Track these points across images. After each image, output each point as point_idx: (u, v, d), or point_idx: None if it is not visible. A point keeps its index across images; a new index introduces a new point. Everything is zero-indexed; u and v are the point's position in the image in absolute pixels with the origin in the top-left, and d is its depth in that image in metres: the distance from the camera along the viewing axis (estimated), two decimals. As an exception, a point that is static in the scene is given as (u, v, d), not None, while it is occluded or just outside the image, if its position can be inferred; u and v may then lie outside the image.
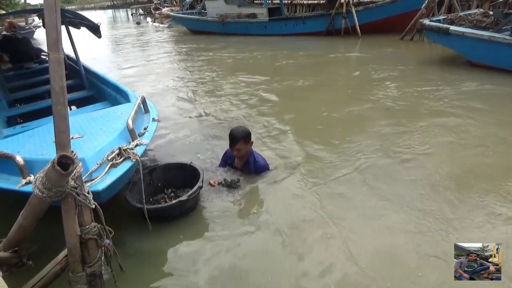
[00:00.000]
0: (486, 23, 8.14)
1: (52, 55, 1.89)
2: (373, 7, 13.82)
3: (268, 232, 3.20)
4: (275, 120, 5.80)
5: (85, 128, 3.43)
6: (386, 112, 5.93)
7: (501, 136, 4.72)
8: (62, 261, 2.21)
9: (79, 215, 2.11)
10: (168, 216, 3.35)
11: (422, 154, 4.38)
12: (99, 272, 2.26)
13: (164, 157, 4.65)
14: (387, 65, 9.34)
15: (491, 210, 3.26)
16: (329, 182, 3.88)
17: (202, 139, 5.27)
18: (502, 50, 7.40)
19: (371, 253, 2.87)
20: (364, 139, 4.84)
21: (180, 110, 6.76)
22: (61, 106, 1.94)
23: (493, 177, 3.79)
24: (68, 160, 1.93)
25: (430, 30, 8.79)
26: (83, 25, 6.03)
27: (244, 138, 3.88)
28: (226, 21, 17.18)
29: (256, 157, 4.03)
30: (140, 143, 3.16)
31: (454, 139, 4.72)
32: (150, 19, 29.24)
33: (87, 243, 2.17)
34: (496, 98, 6.30)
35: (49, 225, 2.52)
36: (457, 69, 8.49)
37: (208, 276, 2.77)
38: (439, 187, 3.67)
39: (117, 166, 2.82)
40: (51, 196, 1.97)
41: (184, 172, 3.82)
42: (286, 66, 10.45)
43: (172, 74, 10.15)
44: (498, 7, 10.30)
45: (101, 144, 2.99)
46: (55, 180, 1.93)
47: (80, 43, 6.35)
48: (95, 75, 5.96)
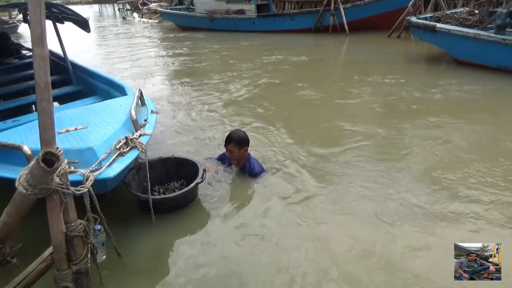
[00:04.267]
0: (472, 21, 8.26)
1: (36, 50, 1.86)
2: (360, 4, 13.88)
3: (258, 230, 3.21)
4: (261, 118, 5.82)
5: (87, 119, 3.47)
6: (373, 111, 5.98)
7: (478, 131, 4.89)
8: (47, 259, 2.18)
9: (64, 212, 2.08)
10: (172, 208, 3.44)
11: (405, 154, 4.44)
12: (85, 269, 2.24)
13: (156, 153, 4.63)
14: (374, 62, 9.41)
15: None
16: (321, 184, 3.86)
17: (188, 135, 5.25)
18: (487, 47, 7.52)
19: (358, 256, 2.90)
20: (351, 139, 4.86)
21: (169, 107, 6.72)
22: (46, 102, 1.91)
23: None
24: (53, 156, 1.91)
25: (417, 28, 8.87)
26: (70, 19, 5.91)
27: (237, 142, 3.86)
28: (214, 17, 17.09)
29: (252, 163, 4.00)
30: (144, 133, 3.21)
31: (437, 139, 4.78)
32: (137, 15, 28.85)
33: (73, 241, 2.15)
34: (481, 97, 6.44)
35: (34, 222, 2.49)
36: (443, 66, 8.61)
37: (198, 273, 2.77)
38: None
39: (124, 155, 2.86)
40: (36, 193, 1.94)
41: (167, 167, 3.85)
42: (271, 63, 10.43)
43: (158, 71, 10.08)
44: (483, 5, 10.48)
45: (107, 134, 3.04)
46: (39, 177, 1.90)
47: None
48: (83, 70, 5.87)
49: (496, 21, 7.42)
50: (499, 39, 7.22)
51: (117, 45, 14.97)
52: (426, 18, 9.15)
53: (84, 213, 2.24)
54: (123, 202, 3.61)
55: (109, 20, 29.79)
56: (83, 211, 2.24)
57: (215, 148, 4.75)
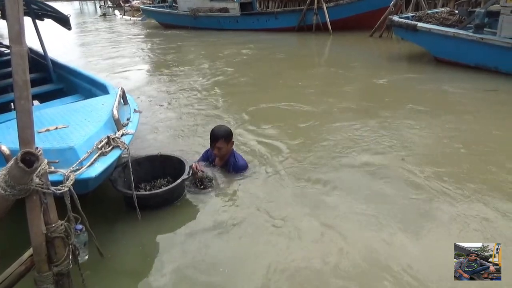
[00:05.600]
0: (452, 20, 8.44)
1: (14, 48, 1.82)
2: (343, 4, 14.00)
3: (243, 226, 3.22)
4: (245, 115, 5.83)
5: (68, 118, 3.41)
6: (353, 110, 6.03)
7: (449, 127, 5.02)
8: (27, 261, 2.13)
9: (44, 213, 2.04)
10: (159, 204, 3.44)
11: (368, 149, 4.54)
12: (66, 271, 2.19)
13: (138, 151, 4.59)
14: (356, 61, 9.51)
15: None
16: (305, 180, 3.89)
17: (172, 133, 5.24)
18: (466, 46, 7.68)
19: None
20: (334, 137, 4.90)
21: (153, 106, 6.67)
22: (24, 100, 1.86)
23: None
24: (33, 157, 1.87)
25: (399, 27, 9.01)
26: (50, 16, 5.79)
27: (225, 137, 3.86)
28: (198, 15, 16.99)
29: (236, 158, 4.01)
30: (126, 133, 3.17)
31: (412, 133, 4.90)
32: (118, 12, 28.41)
33: (54, 242, 2.10)
34: (457, 95, 6.58)
35: (13, 223, 2.44)
36: (424, 65, 8.75)
37: (181, 272, 2.76)
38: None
39: (106, 154, 2.83)
40: (15, 194, 1.89)
41: (153, 164, 3.85)
42: (253, 61, 10.47)
43: (141, 69, 9.99)
44: (463, 5, 10.70)
45: (88, 133, 3.00)
46: (18, 178, 1.86)
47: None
48: (64, 68, 5.75)
49: (475, 20, 7.59)
50: (477, 38, 7.38)
51: (93, 43, 14.74)
52: (408, 17, 9.29)
53: (65, 213, 2.20)
54: (109, 200, 3.59)
55: (89, 18, 29.27)
56: (64, 210, 2.19)
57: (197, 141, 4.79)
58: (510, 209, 3.26)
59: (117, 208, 3.51)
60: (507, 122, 5.23)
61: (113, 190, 3.33)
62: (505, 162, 4.07)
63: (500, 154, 4.28)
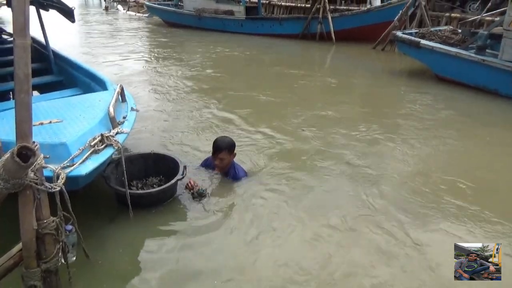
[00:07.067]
0: (455, 40, 8.47)
1: (18, 40, 1.80)
2: (348, 15, 14.03)
3: (237, 231, 3.22)
4: (244, 120, 5.83)
5: (63, 113, 3.36)
6: (352, 120, 6.06)
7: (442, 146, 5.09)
8: (15, 256, 2.10)
9: (37, 208, 2.01)
10: (151, 203, 3.44)
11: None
12: (55, 268, 2.17)
13: (132, 149, 4.58)
14: (358, 73, 9.56)
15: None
16: (302, 189, 3.91)
17: (168, 134, 5.23)
18: (468, 66, 7.71)
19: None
20: (334, 148, 4.94)
21: (152, 104, 6.65)
22: (24, 94, 1.84)
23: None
24: (29, 151, 1.84)
25: (402, 42, 9.05)
26: (54, 7, 5.76)
27: (229, 149, 3.85)
28: (203, 15, 16.95)
29: (236, 169, 3.97)
30: (121, 131, 3.14)
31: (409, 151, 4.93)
32: (122, 7, 28.27)
33: (44, 238, 2.08)
34: (454, 114, 6.61)
35: (2, 217, 2.41)
36: (424, 81, 8.79)
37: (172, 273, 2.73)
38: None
39: (99, 152, 2.81)
40: (8, 188, 1.87)
41: (147, 162, 3.85)
42: (256, 67, 10.48)
43: (142, 68, 9.96)
44: (466, 25, 10.76)
45: (82, 130, 2.95)
46: (13, 172, 1.83)
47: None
48: (65, 59, 5.71)
49: (477, 42, 7.63)
50: (479, 60, 7.42)
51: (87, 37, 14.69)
52: (411, 33, 9.33)
53: (54, 210, 2.16)
54: (100, 197, 3.57)
55: (93, 10, 29.15)
56: (53, 209, 2.16)
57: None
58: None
59: (108, 204, 3.48)
60: (491, 142, 5.36)
61: (105, 186, 3.30)
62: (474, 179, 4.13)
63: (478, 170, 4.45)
